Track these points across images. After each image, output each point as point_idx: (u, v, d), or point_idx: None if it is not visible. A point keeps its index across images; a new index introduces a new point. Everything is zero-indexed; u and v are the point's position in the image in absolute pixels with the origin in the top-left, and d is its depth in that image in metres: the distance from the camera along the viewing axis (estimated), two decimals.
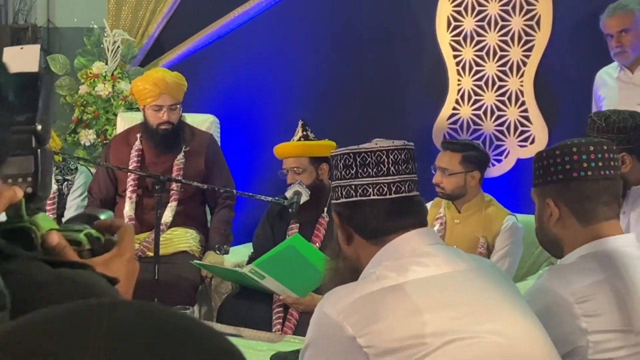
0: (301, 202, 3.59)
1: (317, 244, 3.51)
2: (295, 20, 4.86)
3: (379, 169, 1.70)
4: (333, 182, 1.78)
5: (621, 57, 3.93)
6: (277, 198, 3.67)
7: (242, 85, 4.95)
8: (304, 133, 3.71)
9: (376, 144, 1.74)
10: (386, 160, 1.71)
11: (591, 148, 2.01)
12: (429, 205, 3.80)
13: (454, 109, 4.64)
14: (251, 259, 3.79)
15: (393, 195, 1.70)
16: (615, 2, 3.92)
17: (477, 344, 1.59)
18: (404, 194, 1.71)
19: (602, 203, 2.00)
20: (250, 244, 3.93)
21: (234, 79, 4.97)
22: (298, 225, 3.66)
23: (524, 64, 4.49)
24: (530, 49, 4.47)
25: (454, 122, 4.64)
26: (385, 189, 1.70)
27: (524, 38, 4.47)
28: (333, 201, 1.79)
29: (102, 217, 1.18)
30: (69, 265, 0.92)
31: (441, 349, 1.57)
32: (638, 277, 1.94)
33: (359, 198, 1.71)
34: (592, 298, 1.87)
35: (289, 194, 3.63)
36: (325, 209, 3.65)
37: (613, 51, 3.93)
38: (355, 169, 1.72)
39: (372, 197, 1.70)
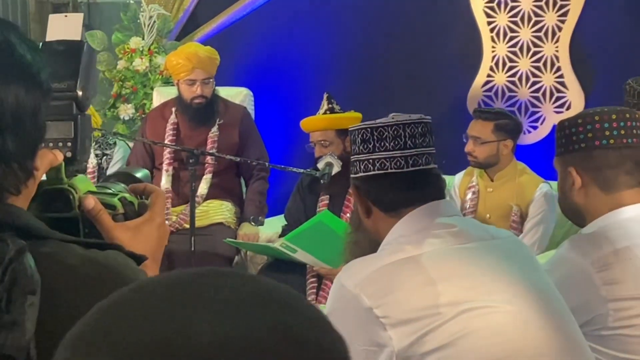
0: (333, 173, 3.62)
1: (348, 215, 3.53)
2: None
3: (396, 142, 1.72)
4: (352, 157, 1.79)
5: None
6: (309, 170, 3.70)
7: (276, 58, 4.97)
8: (330, 106, 3.72)
9: (393, 118, 1.75)
10: (403, 134, 1.72)
11: (613, 117, 1.99)
12: (461, 174, 3.80)
13: (489, 76, 4.60)
14: (284, 231, 3.83)
15: (411, 169, 1.72)
16: None
17: (490, 313, 1.61)
18: (421, 167, 1.72)
19: (624, 171, 1.98)
20: (284, 215, 3.97)
21: (268, 52, 4.99)
22: (328, 196, 3.69)
23: (559, 29, 4.43)
24: (565, 14, 4.41)
25: (489, 90, 4.60)
26: (403, 162, 1.71)
27: (559, 3, 4.41)
28: (352, 175, 1.80)
29: (139, 175, 1.24)
30: (100, 246, 0.95)
31: (455, 318, 1.59)
32: None
33: (377, 172, 1.73)
34: (612, 266, 1.87)
35: (321, 165, 3.65)
36: None
37: None
38: (372, 143, 1.73)
39: (390, 170, 1.72)
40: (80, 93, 1.11)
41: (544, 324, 1.66)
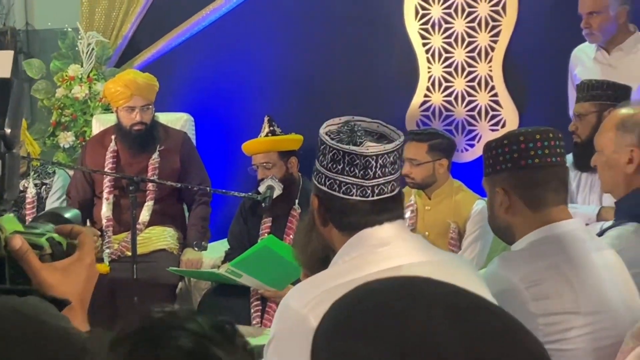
0: (274, 196, 3.64)
1: (291, 236, 3.56)
2: (265, 15, 4.89)
3: (366, 172, 1.68)
4: (318, 166, 1.75)
5: (590, 39, 3.96)
6: (250, 193, 3.72)
7: (216, 82, 4.98)
8: (271, 128, 3.76)
9: (367, 148, 1.69)
10: (374, 164, 1.68)
11: (537, 136, 2.05)
12: None
13: (426, 96, 4.68)
14: (228, 255, 3.84)
15: (375, 198, 1.70)
16: None
17: None
18: (385, 195, 1.71)
19: (550, 189, 2.04)
20: (227, 239, 3.98)
21: (208, 77, 5.00)
22: (271, 219, 3.71)
23: (492, 49, 4.53)
24: (497, 34, 4.51)
25: (426, 110, 4.68)
26: (369, 191, 1.70)
27: (491, 23, 4.51)
28: (315, 182, 1.77)
29: (68, 215, 1.23)
30: (20, 292, 0.95)
31: None
32: (585, 259, 1.99)
33: (341, 195, 1.70)
34: (541, 282, 1.92)
35: (262, 188, 3.68)
36: (297, 201, 3.70)
37: (583, 32, 3.95)
38: (342, 165, 1.70)
39: (354, 197, 1.70)
40: (8, 131, 1.11)
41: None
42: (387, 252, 1.69)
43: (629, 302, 2.00)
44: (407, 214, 3.70)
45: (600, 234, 2.33)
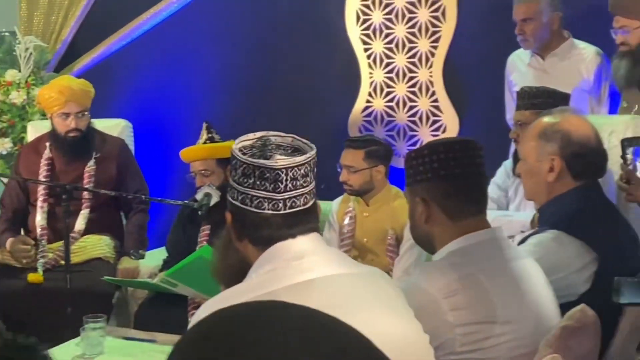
0: (211, 203, 3.61)
1: None
2: (205, 21, 4.86)
3: (276, 185, 1.68)
4: (231, 182, 1.75)
5: (524, 45, 4.03)
6: (187, 201, 3.69)
7: (155, 88, 4.94)
8: (209, 135, 3.73)
9: (277, 161, 1.70)
10: (284, 178, 1.69)
11: (456, 146, 2.07)
12: (339, 199, 3.85)
13: (368, 101, 4.69)
14: (166, 263, 3.80)
15: (287, 211, 1.70)
16: None
17: None
18: (298, 208, 1.71)
19: (469, 199, 2.06)
20: (165, 247, 3.94)
21: (147, 82, 4.96)
22: (209, 226, 3.68)
23: (432, 55, 4.56)
24: (437, 40, 4.54)
25: (368, 115, 4.69)
26: (280, 205, 1.69)
27: (431, 29, 4.54)
28: (228, 198, 1.76)
29: None
30: None
31: None
32: (503, 269, 2.01)
33: (253, 209, 1.70)
34: (458, 292, 1.93)
35: (199, 196, 3.65)
36: None
37: (518, 38, 4.01)
38: (253, 179, 1.69)
39: (266, 211, 1.70)
40: None
41: (403, 349, 1.70)
42: (300, 265, 1.69)
43: (545, 311, 2.02)
44: (347, 221, 3.71)
45: (522, 240, 2.35)
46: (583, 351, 1.99)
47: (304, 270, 1.68)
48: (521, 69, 4.08)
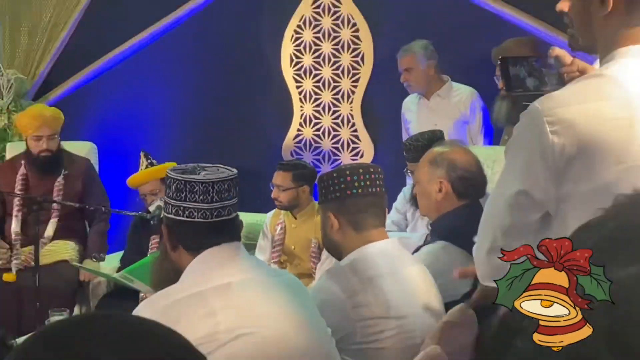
0: (162, 215, 3.56)
1: None
2: (162, 61, 4.83)
3: (205, 197, 1.70)
4: (165, 199, 1.75)
5: (409, 89, 4.16)
6: (141, 212, 3.63)
7: (117, 116, 4.89)
8: (149, 161, 3.70)
9: (205, 176, 1.72)
10: (212, 190, 1.70)
11: (360, 171, 2.08)
12: (272, 212, 3.84)
13: (298, 130, 4.70)
14: (122, 267, 3.74)
15: (214, 219, 1.70)
16: (406, 45, 4.07)
17: (257, 337, 1.63)
18: (223, 217, 1.71)
19: (370, 214, 2.07)
20: (123, 251, 3.88)
21: (112, 111, 4.90)
22: (159, 235, 3.63)
23: (353, 92, 4.59)
24: (357, 80, 4.58)
25: (299, 142, 4.70)
26: (209, 213, 1.70)
27: (352, 71, 4.58)
28: (164, 214, 1.77)
29: None
30: None
31: (230, 342, 1.60)
32: (396, 272, 2.02)
33: (185, 219, 1.70)
34: (359, 293, 1.94)
35: (152, 208, 3.59)
36: None
37: (404, 84, 4.11)
38: (185, 193, 1.70)
39: (196, 219, 1.70)
40: None
41: (304, 343, 1.70)
42: (221, 271, 1.69)
43: (432, 308, 2.04)
44: (278, 230, 3.69)
45: (416, 250, 2.38)
46: (462, 343, 2.01)
47: (223, 275, 1.68)
48: (412, 109, 4.18)
